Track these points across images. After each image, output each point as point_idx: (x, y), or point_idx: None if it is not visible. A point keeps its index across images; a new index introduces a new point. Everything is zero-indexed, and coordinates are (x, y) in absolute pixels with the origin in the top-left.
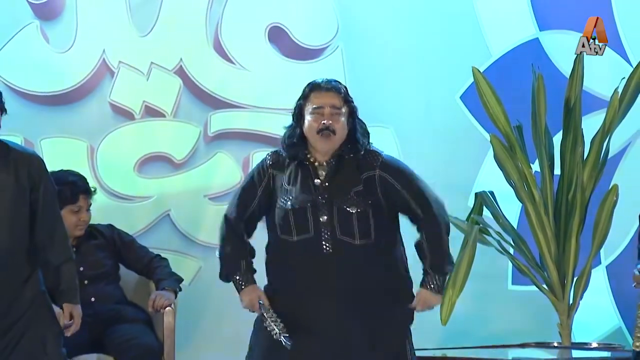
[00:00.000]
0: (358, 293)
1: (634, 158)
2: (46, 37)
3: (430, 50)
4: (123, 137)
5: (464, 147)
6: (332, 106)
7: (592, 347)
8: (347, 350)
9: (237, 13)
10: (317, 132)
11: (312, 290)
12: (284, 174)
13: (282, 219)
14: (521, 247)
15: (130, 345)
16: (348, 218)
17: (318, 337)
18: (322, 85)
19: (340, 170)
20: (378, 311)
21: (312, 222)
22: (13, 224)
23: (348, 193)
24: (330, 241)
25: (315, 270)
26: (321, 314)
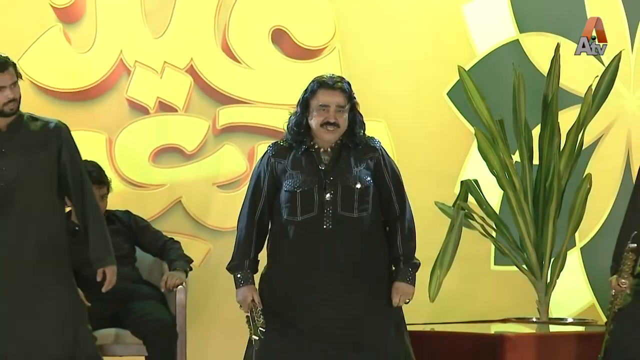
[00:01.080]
0: (355, 264)
1: (606, 149)
2: (68, 39)
3: (420, 51)
4: (139, 130)
5: (450, 139)
6: (337, 104)
7: (568, 322)
8: (345, 318)
9: (242, 17)
10: (321, 125)
11: (312, 264)
12: (287, 160)
13: (289, 201)
14: (503, 231)
15: (146, 321)
16: (350, 194)
17: (317, 310)
18: (330, 84)
19: (342, 155)
20: (372, 282)
21: (317, 202)
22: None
23: (351, 172)
24: (332, 218)
25: (315, 246)
26: (321, 285)
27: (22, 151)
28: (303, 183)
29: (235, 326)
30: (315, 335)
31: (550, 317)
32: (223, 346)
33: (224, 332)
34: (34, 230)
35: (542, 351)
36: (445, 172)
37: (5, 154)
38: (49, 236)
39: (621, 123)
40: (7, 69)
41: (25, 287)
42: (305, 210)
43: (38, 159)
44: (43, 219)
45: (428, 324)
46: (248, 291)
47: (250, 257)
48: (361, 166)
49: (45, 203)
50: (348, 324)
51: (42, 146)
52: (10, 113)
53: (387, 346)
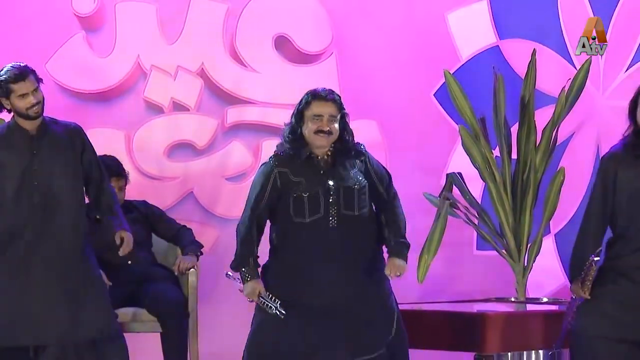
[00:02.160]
0: (355, 254)
1: (578, 145)
2: (90, 45)
3: (409, 55)
4: (154, 127)
5: (437, 136)
6: (330, 114)
7: (543, 301)
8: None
9: (248, 25)
10: (315, 133)
11: (318, 258)
12: (289, 168)
13: (297, 205)
14: (484, 219)
15: (161, 300)
16: (351, 194)
17: (318, 296)
18: (323, 96)
19: (338, 160)
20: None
21: (323, 204)
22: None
23: (348, 175)
24: (336, 217)
25: (322, 242)
26: (325, 273)
27: (52, 151)
28: (308, 188)
29: (241, 306)
30: (324, 311)
31: (527, 297)
32: (231, 324)
33: (232, 311)
34: (66, 221)
35: (519, 328)
36: (432, 166)
37: (37, 154)
38: (80, 225)
39: (591, 121)
40: (27, 77)
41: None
42: (313, 212)
43: (66, 158)
44: (73, 210)
45: (417, 303)
46: (256, 284)
47: (253, 254)
48: (355, 169)
49: (74, 196)
50: (350, 300)
51: (68, 146)
52: (35, 116)
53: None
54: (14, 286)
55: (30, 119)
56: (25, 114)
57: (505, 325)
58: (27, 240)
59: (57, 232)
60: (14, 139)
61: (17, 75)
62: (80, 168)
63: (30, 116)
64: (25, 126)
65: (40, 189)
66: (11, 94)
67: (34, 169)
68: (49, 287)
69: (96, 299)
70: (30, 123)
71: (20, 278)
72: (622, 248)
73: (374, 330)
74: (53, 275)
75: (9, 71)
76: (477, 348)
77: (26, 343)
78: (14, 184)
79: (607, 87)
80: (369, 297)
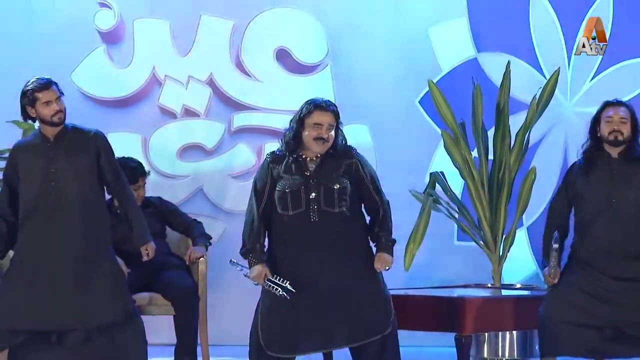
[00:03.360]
0: (340, 247)
1: (548, 147)
2: (111, 57)
3: (396, 66)
4: (168, 131)
5: (421, 139)
6: (329, 124)
7: (517, 287)
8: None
9: (252, 39)
10: (314, 139)
11: (303, 249)
12: (280, 166)
13: (281, 199)
14: (464, 213)
15: (174, 286)
16: (331, 193)
17: (310, 282)
18: (324, 107)
19: (325, 162)
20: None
21: (304, 200)
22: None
23: (331, 175)
24: (317, 212)
25: (305, 235)
26: (312, 265)
27: (67, 156)
28: (292, 184)
29: (246, 291)
30: (321, 297)
31: (502, 284)
32: (236, 307)
33: (238, 296)
34: (81, 218)
35: (495, 311)
36: (417, 166)
37: (54, 159)
38: (93, 222)
39: (560, 125)
40: (50, 87)
41: (82, 264)
42: (295, 206)
43: (80, 162)
44: (87, 208)
45: (403, 289)
46: (262, 268)
47: (260, 241)
48: (339, 171)
49: (88, 196)
50: (344, 287)
51: (83, 151)
52: (59, 122)
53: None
54: (37, 278)
55: (55, 125)
56: (50, 120)
57: (482, 309)
58: (46, 236)
59: (71, 229)
60: (35, 145)
61: (42, 85)
62: (96, 171)
63: (55, 122)
64: (46, 133)
65: (56, 190)
66: (36, 102)
67: (50, 172)
68: (67, 278)
69: (112, 287)
70: (51, 130)
71: (42, 271)
72: (582, 242)
73: (367, 317)
74: (71, 268)
75: (34, 82)
76: (457, 329)
77: (50, 328)
78: (34, 185)
79: (574, 95)
80: (358, 286)
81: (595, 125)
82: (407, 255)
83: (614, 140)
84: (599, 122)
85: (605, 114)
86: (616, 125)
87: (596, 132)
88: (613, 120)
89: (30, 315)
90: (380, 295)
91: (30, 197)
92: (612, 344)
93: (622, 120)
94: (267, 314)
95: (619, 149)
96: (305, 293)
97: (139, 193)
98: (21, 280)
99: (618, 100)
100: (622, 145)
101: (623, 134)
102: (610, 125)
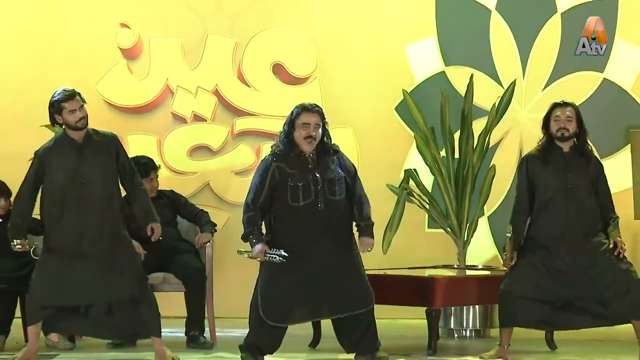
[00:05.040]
0: (337, 231)
1: (505, 148)
2: (130, 70)
3: (376, 78)
4: (179, 134)
5: (397, 141)
6: (315, 123)
7: (479, 268)
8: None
9: (252, 55)
10: (304, 138)
11: (312, 232)
12: (285, 162)
13: (293, 192)
14: (433, 205)
15: (184, 267)
16: (333, 183)
17: (307, 263)
18: (310, 108)
19: (321, 157)
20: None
21: (314, 190)
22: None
23: (330, 169)
24: (323, 200)
25: (312, 221)
26: (312, 248)
27: (94, 156)
28: (301, 178)
29: (247, 271)
30: (313, 275)
31: (466, 265)
32: (238, 285)
33: (239, 275)
34: (104, 210)
35: (460, 288)
36: (393, 163)
37: (82, 159)
38: (113, 213)
39: (515, 129)
40: (74, 97)
41: (103, 248)
42: (306, 197)
43: (104, 161)
44: (109, 201)
45: (381, 270)
46: (262, 245)
47: (258, 226)
48: (334, 164)
49: (109, 190)
50: (334, 267)
51: (106, 152)
52: (82, 127)
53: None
54: (65, 261)
55: (78, 130)
56: (75, 126)
57: (449, 286)
58: (74, 225)
59: (96, 218)
60: (65, 147)
61: (67, 96)
62: (116, 168)
63: (79, 127)
64: (73, 136)
65: (84, 185)
66: (63, 110)
67: (79, 170)
68: (91, 261)
69: (129, 268)
70: (77, 134)
71: (70, 255)
72: (539, 225)
73: (351, 294)
74: (93, 252)
75: (60, 93)
76: (428, 304)
77: (76, 303)
78: (63, 181)
79: (528, 103)
80: (352, 266)
81: (546, 123)
82: (384, 241)
83: (561, 137)
84: (549, 120)
85: (554, 114)
86: (563, 123)
87: (548, 129)
88: (560, 119)
89: (61, 293)
90: (362, 275)
91: (60, 191)
92: (563, 317)
93: (568, 119)
94: (265, 289)
95: (568, 143)
96: (299, 270)
97: (153, 184)
98: (53, 263)
99: (565, 101)
100: (569, 140)
101: (569, 131)
102: (558, 123)
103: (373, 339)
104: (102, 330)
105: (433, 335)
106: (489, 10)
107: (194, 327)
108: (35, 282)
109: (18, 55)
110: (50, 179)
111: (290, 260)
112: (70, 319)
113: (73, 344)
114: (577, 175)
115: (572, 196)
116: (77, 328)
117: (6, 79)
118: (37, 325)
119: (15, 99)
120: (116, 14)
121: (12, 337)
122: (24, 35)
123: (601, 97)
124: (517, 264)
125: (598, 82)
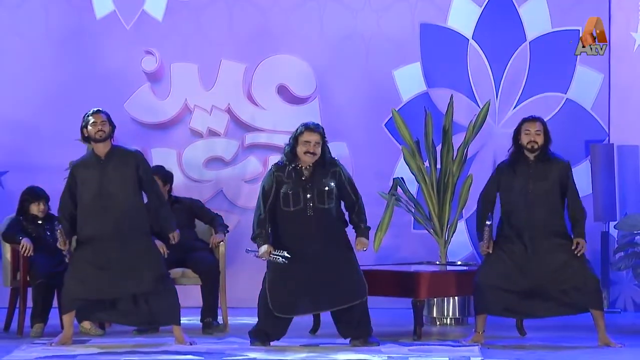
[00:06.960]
0: (327, 235)
1: (481, 159)
2: (154, 92)
3: (368, 98)
4: (197, 147)
5: (387, 153)
6: (315, 141)
7: (458, 264)
8: (324, 267)
9: (260, 78)
10: (304, 153)
11: (302, 237)
12: (284, 173)
13: (285, 198)
14: (418, 209)
15: (201, 263)
16: (323, 193)
17: (306, 262)
18: (312, 128)
19: (317, 170)
20: (339, 243)
21: (302, 199)
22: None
23: (322, 180)
24: (312, 208)
25: (303, 226)
26: (308, 249)
27: (116, 169)
28: (293, 187)
29: (255, 268)
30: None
31: (447, 261)
32: (248, 280)
33: (249, 271)
34: (126, 215)
35: (442, 281)
36: (383, 173)
37: (105, 173)
38: (135, 218)
39: (490, 143)
40: (99, 113)
41: (131, 250)
42: (295, 203)
43: (125, 174)
44: (130, 208)
45: (373, 266)
46: (268, 246)
47: (265, 228)
48: (328, 177)
49: (131, 198)
50: (330, 265)
51: (127, 165)
52: (100, 139)
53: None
54: (94, 259)
55: (97, 141)
56: (94, 137)
57: (432, 280)
58: (101, 229)
59: (119, 224)
60: (91, 162)
61: (94, 111)
62: (137, 179)
63: (97, 139)
64: (98, 152)
65: (108, 195)
66: (88, 123)
67: (103, 181)
68: (117, 259)
69: (152, 265)
70: (101, 149)
71: (98, 254)
72: (508, 224)
73: (346, 288)
74: (119, 252)
75: (90, 110)
76: (414, 295)
77: (105, 297)
78: (91, 193)
79: (501, 120)
80: (346, 263)
81: (517, 135)
82: (376, 240)
83: (531, 149)
84: (519, 133)
85: (524, 128)
86: (532, 136)
87: (518, 141)
88: (530, 132)
89: (90, 287)
90: (356, 271)
91: (88, 200)
92: (528, 305)
93: (537, 133)
94: (273, 284)
95: (535, 153)
96: (301, 269)
97: (166, 191)
98: (83, 261)
99: (534, 116)
100: (538, 151)
101: (538, 143)
102: (528, 137)
103: (366, 326)
104: (128, 318)
105: (418, 323)
106: (467, 39)
107: (209, 315)
108: (68, 277)
109: (62, 80)
110: (80, 189)
111: (291, 260)
112: (100, 309)
113: (103, 331)
114: (540, 180)
115: (535, 199)
116: (106, 317)
117: (51, 100)
118: (71, 314)
119: (59, 117)
120: (141, 42)
121: (50, 324)
122: (66, 62)
123: (564, 115)
124: (488, 257)
125: (562, 101)
